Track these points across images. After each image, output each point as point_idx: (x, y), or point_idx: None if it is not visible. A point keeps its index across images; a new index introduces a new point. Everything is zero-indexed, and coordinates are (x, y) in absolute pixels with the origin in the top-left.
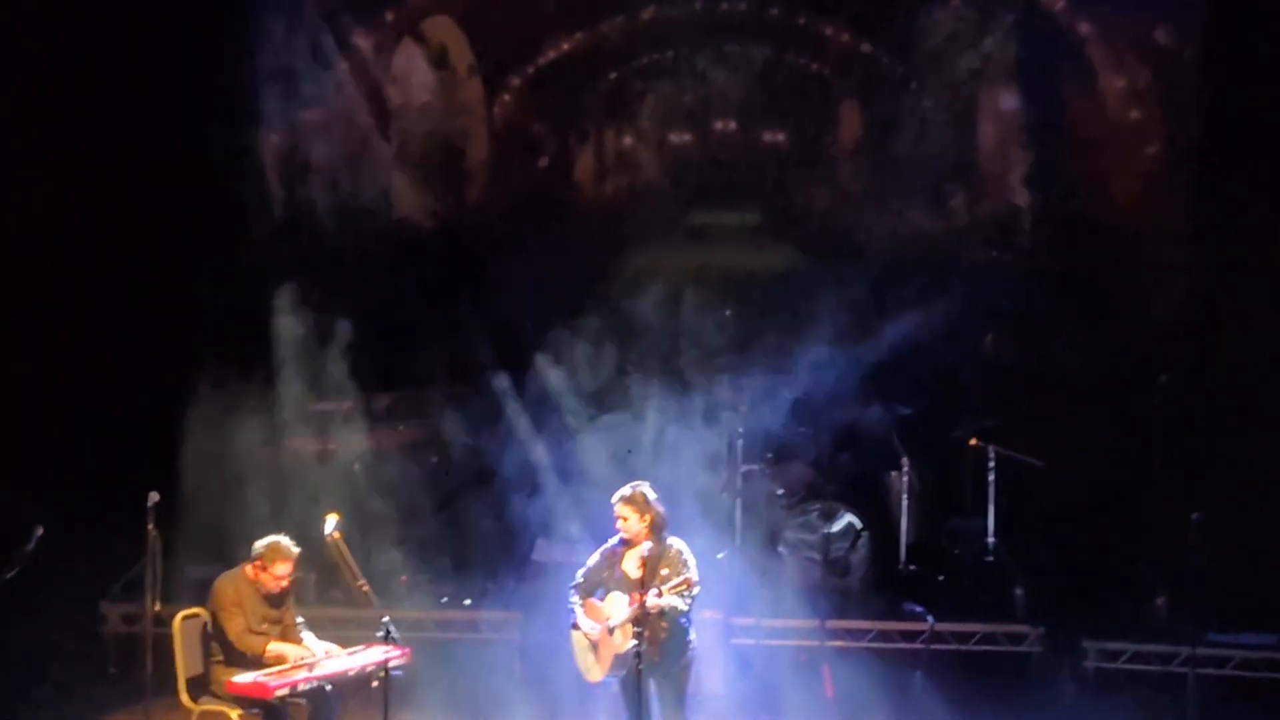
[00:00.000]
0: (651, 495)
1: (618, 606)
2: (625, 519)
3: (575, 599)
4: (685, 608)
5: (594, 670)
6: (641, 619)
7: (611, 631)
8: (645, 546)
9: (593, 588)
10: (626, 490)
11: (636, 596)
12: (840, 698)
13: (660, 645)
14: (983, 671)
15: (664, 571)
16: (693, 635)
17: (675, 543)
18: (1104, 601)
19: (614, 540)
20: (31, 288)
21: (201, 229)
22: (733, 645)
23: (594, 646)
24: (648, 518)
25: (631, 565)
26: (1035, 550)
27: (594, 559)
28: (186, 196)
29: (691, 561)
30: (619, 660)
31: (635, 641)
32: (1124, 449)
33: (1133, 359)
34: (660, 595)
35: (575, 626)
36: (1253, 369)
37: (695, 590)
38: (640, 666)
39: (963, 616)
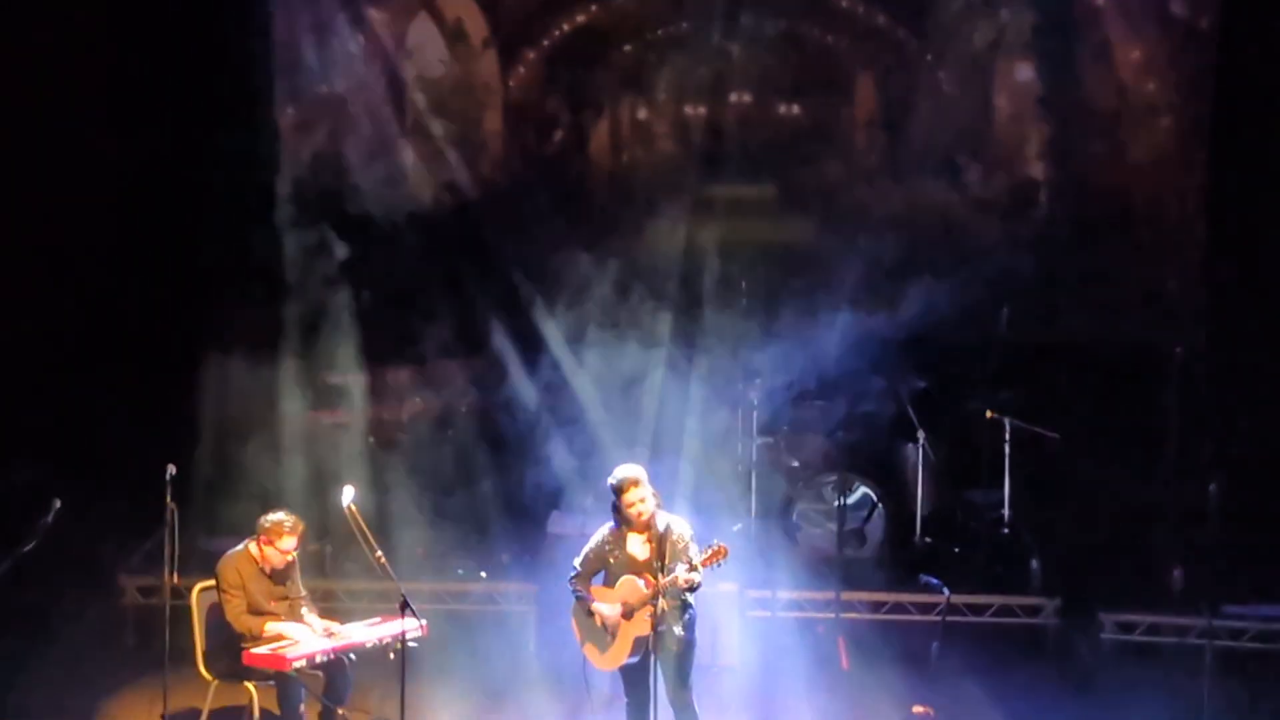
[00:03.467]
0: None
1: (633, 589)
2: (644, 500)
3: (579, 587)
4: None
5: (612, 657)
6: (657, 599)
7: (631, 615)
8: (664, 524)
9: (592, 574)
10: (634, 473)
11: (650, 579)
12: (855, 670)
13: (677, 623)
14: (999, 643)
15: (678, 546)
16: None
17: (666, 517)
18: (1120, 573)
19: (609, 524)
20: (49, 260)
21: (218, 203)
22: (748, 618)
23: (610, 633)
24: (656, 496)
25: (637, 547)
26: (1051, 522)
27: (591, 545)
28: (202, 171)
29: (688, 531)
30: (639, 643)
31: (661, 624)
32: (1139, 421)
33: (1148, 331)
34: (692, 569)
35: (589, 614)
36: (1267, 341)
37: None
38: (662, 647)
39: (978, 588)
